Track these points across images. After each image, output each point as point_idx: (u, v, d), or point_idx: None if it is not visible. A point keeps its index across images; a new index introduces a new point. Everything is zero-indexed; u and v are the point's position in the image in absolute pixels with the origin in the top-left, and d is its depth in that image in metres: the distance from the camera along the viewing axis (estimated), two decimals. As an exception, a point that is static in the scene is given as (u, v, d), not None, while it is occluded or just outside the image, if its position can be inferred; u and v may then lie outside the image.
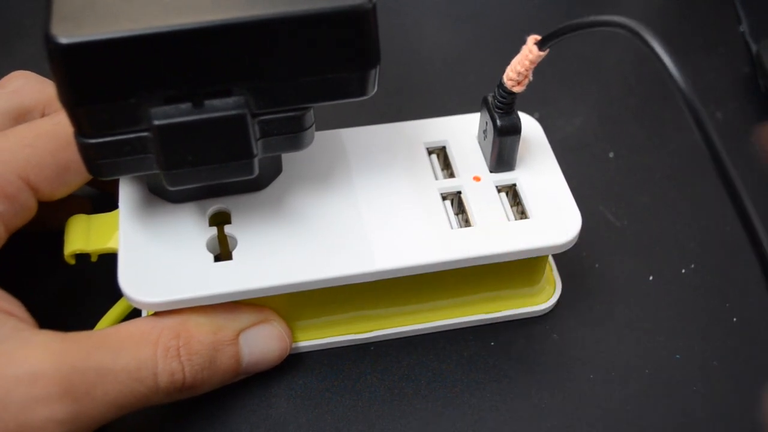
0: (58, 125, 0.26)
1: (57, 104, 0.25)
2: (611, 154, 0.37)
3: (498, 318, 0.30)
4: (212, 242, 0.26)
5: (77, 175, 0.26)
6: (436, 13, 0.44)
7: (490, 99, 0.28)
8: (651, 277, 0.32)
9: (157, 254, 0.26)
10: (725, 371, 0.29)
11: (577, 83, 0.40)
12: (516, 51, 0.26)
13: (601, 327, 0.30)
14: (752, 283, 0.32)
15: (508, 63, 0.26)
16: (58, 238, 0.27)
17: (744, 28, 0.43)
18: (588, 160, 0.37)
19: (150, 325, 0.25)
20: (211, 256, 0.26)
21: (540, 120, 0.31)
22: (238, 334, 0.26)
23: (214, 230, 0.26)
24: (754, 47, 0.41)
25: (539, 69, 0.26)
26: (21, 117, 0.28)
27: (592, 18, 0.22)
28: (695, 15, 0.44)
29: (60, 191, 0.26)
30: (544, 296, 0.30)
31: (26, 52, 0.40)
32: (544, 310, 0.30)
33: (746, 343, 0.30)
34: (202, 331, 0.25)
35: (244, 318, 0.26)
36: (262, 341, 0.27)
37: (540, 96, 0.38)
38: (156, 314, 0.25)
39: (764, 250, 0.18)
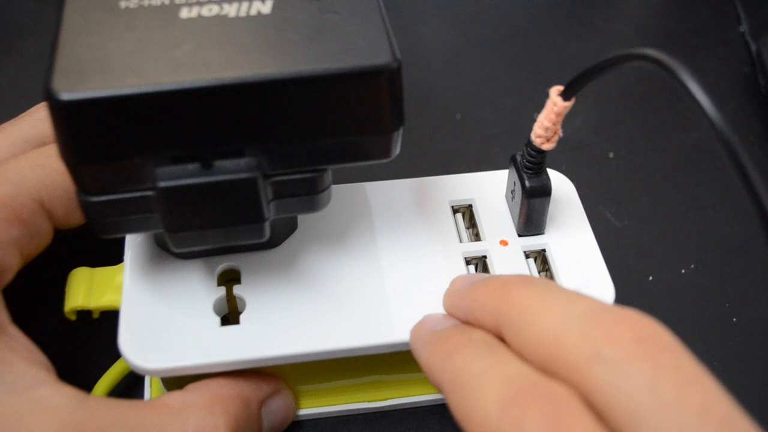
0: None
1: None
2: (611, 154, 0.37)
3: None
4: (219, 303, 0.25)
5: None
6: (436, 13, 0.44)
7: (518, 158, 0.26)
8: (651, 278, 0.32)
9: (161, 315, 0.24)
10: (725, 371, 0.29)
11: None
12: (515, 51, 0.26)
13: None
14: (752, 283, 0.32)
15: (507, 62, 0.26)
16: (60, 282, 0.26)
17: (744, 27, 0.43)
18: (588, 160, 0.37)
19: (179, 401, 0.23)
20: (217, 319, 0.24)
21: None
22: (261, 406, 0.24)
23: (222, 290, 0.25)
24: (754, 47, 0.41)
25: (539, 69, 0.25)
26: (42, 146, 0.26)
27: (615, 54, 0.20)
28: (695, 15, 0.44)
29: (75, 217, 0.25)
30: None
31: (27, 53, 0.40)
32: None
33: (746, 343, 0.30)
34: (236, 405, 0.23)
35: (264, 388, 0.25)
36: (277, 413, 0.25)
37: (539, 97, 0.38)
38: (185, 387, 0.24)
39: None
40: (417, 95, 0.39)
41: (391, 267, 0.26)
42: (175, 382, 0.26)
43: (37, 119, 0.27)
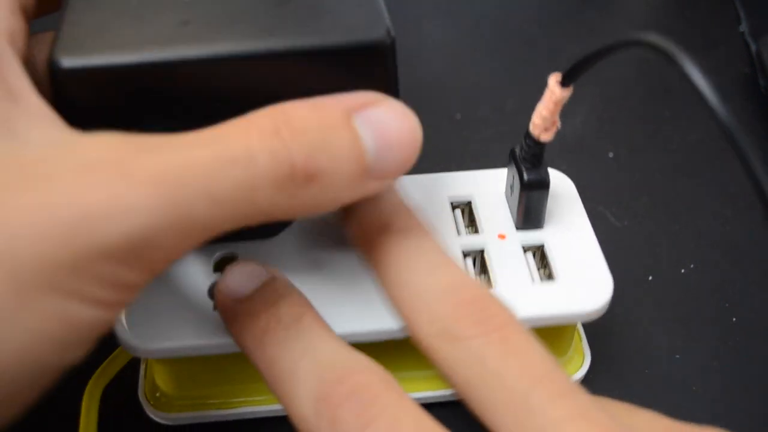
0: None
1: None
2: (611, 154, 0.37)
3: None
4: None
5: None
6: (436, 13, 0.44)
7: (517, 151, 0.26)
8: (651, 277, 0.32)
9: (156, 299, 0.24)
10: (725, 371, 0.29)
11: (576, 83, 0.40)
12: (515, 51, 0.26)
13: (601, 327, 0.30)
14: (752, 283, 0.32)
15: (507, 62, 0.26)
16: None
17: (744, 27, 0.43)
18: (588, 160, 0.37)
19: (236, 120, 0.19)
20: (212, 303, 0.24)
21: (540, 120, 0.31)
22: (348, 117, 0.19)
23: (218, 276, 0.25)
24: (754, 47, 0.41)
25: (539, 69, 0.26)
26: None
27: (614, 40, 0.20)
28: (695, 15, 0.44)
29: None
30: (572, 368, 0.28)
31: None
32: None
33: (746, 343, 0.30)
34: (301, 108, 0.19)
35: (348, 99, 0.20)
36: (384, 122, 0.20)
37: (539, 97, 0.38)
38: None
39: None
40: (417, 95, 0.39)
41: None
42: (168, 365, 0.26)
43: None
